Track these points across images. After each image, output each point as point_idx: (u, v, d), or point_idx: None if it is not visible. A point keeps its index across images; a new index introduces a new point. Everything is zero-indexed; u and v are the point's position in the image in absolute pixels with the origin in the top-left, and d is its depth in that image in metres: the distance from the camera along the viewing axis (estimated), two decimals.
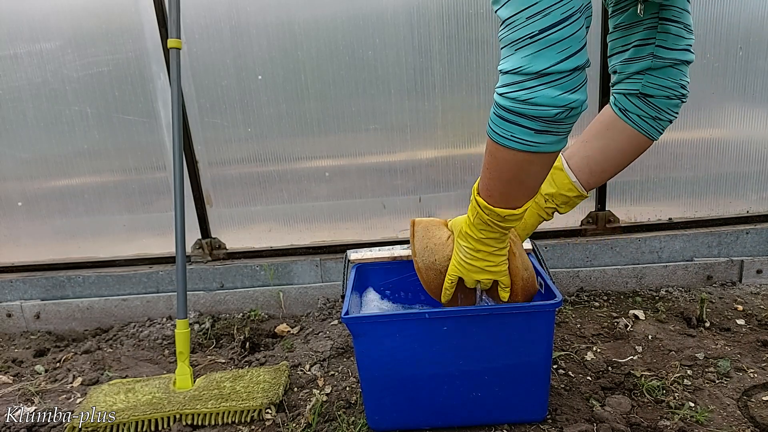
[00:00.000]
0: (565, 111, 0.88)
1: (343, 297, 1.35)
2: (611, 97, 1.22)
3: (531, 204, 1.08)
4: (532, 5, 0.82)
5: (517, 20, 0.84)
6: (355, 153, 2.11)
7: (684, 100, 1.17)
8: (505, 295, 1.19)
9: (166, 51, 1.97)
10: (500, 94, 0.90)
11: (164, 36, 1.97)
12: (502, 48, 0.89)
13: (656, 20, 1.09)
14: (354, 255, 1.59)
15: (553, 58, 0.84)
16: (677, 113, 1.18)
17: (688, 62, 1.13)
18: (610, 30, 1.18)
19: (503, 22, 0.86)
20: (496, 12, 0.88)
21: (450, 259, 1.20)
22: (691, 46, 1.12)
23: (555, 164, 1.20)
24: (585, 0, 0.85)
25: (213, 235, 2.21)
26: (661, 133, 1.19)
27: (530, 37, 0.83)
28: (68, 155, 2.15)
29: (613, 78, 1.21)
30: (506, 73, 0.88)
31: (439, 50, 1.98)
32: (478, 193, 1.06)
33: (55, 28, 2.01)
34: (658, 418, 1.34)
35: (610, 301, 2.00)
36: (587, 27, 0.88)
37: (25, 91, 2.08)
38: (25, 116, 2.11)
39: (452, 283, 1.19)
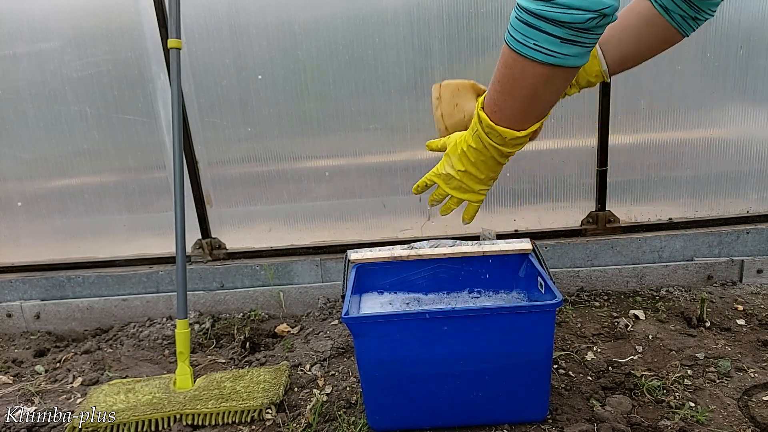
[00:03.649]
0: (597, 17, 0.76)
1: (343, 297, 1.35)
2: None
3: (538, 126, 0.97)
4: None
5: None
6: (355, 153, 2.11)
7: None
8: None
9: (166, 51, 1.97)
10: None
11: (164, 36, 1.97)
12: None
13: None
14: (354, 255, 1.59)
15: None
16: (715, 11, 1.14)
17: None
18: None
19: None
20: None
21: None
22: None
23: None
24: None
25: (213, 235, 2.21)
26: (695, 30, 1.15)
27: None
28: (68, 155, 2.15)
29: None
30: None
31: (439, 50, 1.97)
32: (482, 108, 0.95)
33: (55, 28, 2.01)
34: (659, 417, 1.34)
35: (611, 301, 2.00)
36: None
37: (25, 91, 2.08)
38: (25, 116, 2.11)
39: (426, 185, 1.10)
